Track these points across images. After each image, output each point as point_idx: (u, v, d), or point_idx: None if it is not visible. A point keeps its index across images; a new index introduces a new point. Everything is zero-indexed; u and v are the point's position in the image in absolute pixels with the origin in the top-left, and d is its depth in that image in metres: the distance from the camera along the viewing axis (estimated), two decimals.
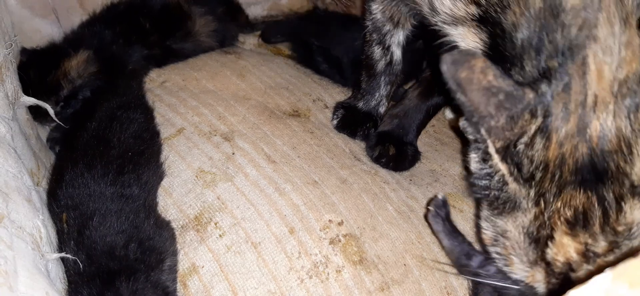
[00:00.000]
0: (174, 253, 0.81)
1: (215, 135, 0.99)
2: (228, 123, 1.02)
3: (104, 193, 0.80)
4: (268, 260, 0.81)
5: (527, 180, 0.63)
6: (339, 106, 1.11)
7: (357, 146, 1.06)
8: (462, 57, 0.61)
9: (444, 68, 0.61)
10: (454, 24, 0.73)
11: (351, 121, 1.08)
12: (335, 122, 1.09)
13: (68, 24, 1.21)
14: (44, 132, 1.04)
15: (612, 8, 0.60)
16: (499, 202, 0.66)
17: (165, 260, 0.77)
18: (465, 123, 0.66)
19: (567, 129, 0.60)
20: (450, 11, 0.73)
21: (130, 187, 0.83)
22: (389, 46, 1.02)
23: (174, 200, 0.89)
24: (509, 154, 0.63)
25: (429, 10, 0.78)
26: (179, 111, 1.04)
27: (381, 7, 0.98)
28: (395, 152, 1.03)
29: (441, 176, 1.05)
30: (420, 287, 0.83)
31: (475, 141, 0.67)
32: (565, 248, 0.61)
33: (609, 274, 0.41)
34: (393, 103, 1.13)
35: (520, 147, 0.62)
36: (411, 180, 1.02)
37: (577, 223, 0.60)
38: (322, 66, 1.25)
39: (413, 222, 0.91)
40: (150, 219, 0.81)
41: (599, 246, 0.60)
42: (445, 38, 0.76)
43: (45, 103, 0.90)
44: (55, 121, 0.94)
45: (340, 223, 0.86)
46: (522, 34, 0.64)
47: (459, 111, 0.65)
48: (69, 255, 0.72)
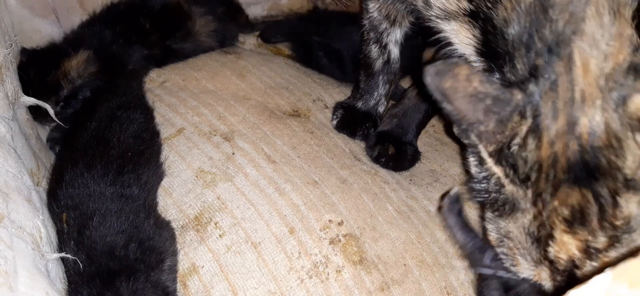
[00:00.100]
0: (174, 253, 0.81)
1: (215, 135, 0.99)
2: (228, 123, 1.02)
3: (104, 193, 0.80)
4: (268, 260, 0.81)
5: (523, 181, 0.63)
6: (338, 106, 1.11)
7: (357, 146, 1.06)
8: (445, 67, 0.61)
9: (428, 80, 0.61)
10: (447, 19, 0.72)
11: (350, 121, 1.08)
12: (334, 122, 1.09)
13: (68, 24, 1.21)
14: (44, 132, 1.04)
15: (602, 0, 0.59)
16: (499, 203, 0.66)
17: (165, 260, 0.77)
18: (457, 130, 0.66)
19: (557, 128, 0.60)
20: (442, 5, 0.72)
21: (130, 187, 0.83)
22: (386, 45, 1.02)
23: (174, 200, 0.89)
24: (503, 157, 0.63)
25: (423, 4, 0.77)
26: (179, 111, 1.04)
27: (378, 6, 0.98)
28: (394, 151, 1.03)
29: (441, 176, 1.05)
30: (420, 287, 0.83)
31: (469, 145, 0.67)
32: (566, 246, 0.61)
33: (609, 274, 0.41)
34: (393, 102, 1.13)
35: (514, 148, 0.62)
36: (411, 180, 1.02)
37: (575, 221, 0.60)
38: (322, 61, 1.24)
39: (413, 222, 0.91)
40: (150, 219, 0.81)
41: (599, 242, 0.59)
42: (440, 34, 0.75)
43: (45, 104, 0.90)
44: (55, 121, 0.94)
45: (340, 223, 0.86)
46: (513, 29, 0.63)
47: (448, 119, 0.65)
48: (69, 255, 0.72)
